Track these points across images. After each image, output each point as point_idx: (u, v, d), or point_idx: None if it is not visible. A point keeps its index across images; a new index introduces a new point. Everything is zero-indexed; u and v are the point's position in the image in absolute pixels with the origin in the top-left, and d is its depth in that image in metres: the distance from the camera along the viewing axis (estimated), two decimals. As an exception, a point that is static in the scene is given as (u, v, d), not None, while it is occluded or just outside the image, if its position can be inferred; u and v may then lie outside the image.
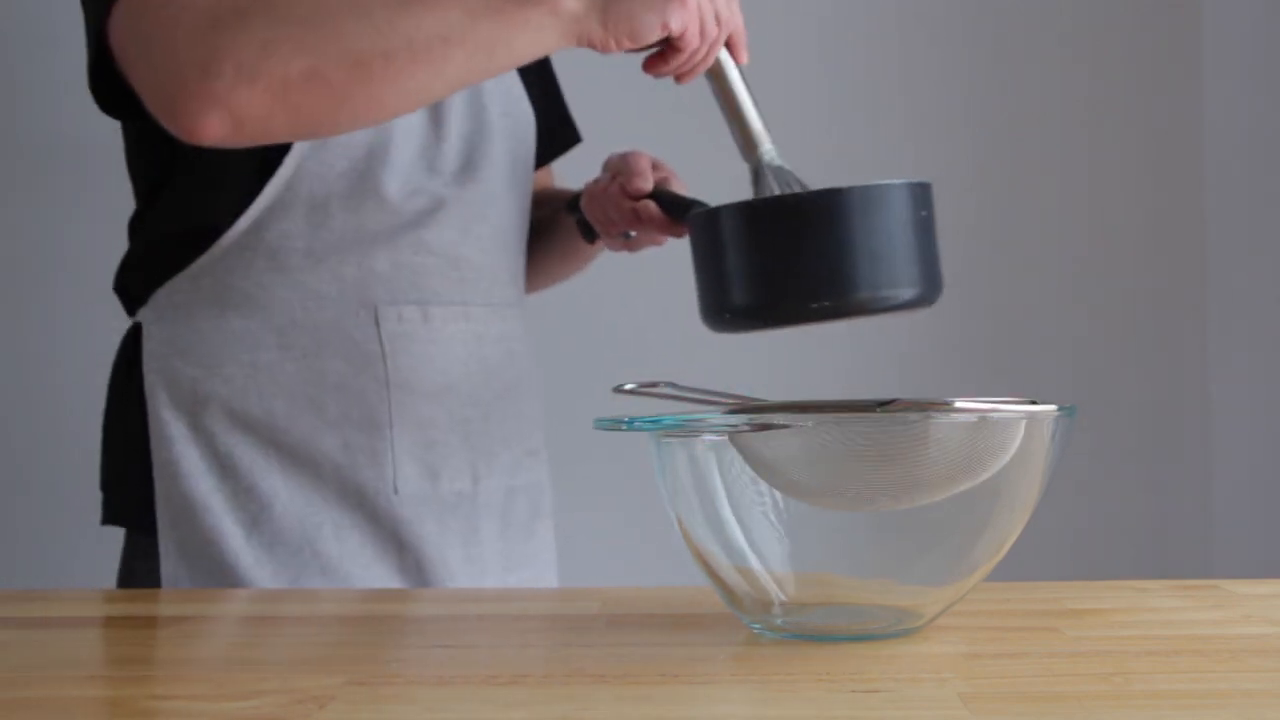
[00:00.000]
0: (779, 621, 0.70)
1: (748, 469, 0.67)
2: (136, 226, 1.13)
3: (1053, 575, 0.90)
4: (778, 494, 0.67)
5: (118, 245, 1.15)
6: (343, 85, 0.89)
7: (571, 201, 1.23)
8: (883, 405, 0.68)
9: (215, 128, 0.89)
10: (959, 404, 0.66)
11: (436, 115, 1.12)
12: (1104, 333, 1.98)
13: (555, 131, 1.31)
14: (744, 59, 1.00)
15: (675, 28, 0.93)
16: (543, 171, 1.36)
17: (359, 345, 1.07)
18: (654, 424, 0.69)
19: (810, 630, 0.70)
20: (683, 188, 1.15)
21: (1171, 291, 1.99)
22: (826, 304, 0.88)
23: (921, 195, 0.90)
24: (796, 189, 0.97)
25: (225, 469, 1.05)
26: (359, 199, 1.07)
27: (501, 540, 1.15)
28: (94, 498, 1.15)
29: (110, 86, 0.99)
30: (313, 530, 1.06)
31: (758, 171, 0.98)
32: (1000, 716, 0.55)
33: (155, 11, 0.92)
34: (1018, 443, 0.66)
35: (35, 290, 1.93)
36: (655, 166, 1.15)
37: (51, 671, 0.66)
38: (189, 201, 1.09)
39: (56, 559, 1.86)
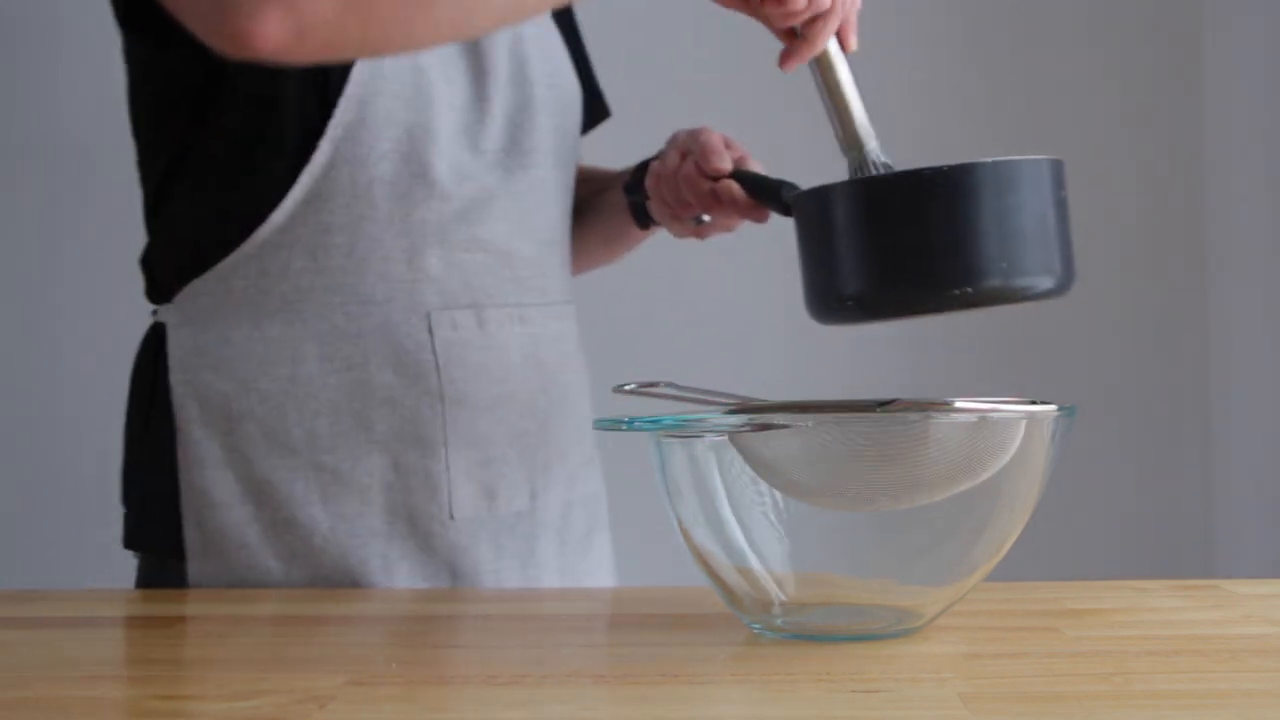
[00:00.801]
0: (779, 621, 0.70)
1: (748, 469, 0.67)
2: (153, 216, 1.03)
3: (1053, 575, 0.90)
4: (778, 494, 0.67)
5: (127, 243, 1.09)
6: None
7: (630, 182, 1.13)
8: (883, 405, 0.68)
9: (274, 31, 0.72)
10: (959, 404, 0.66)
11: (479, 87, 1.03)
12: (1104, 333, 1.98)
13: (587, 105, 1.19)
14: (853, 45, 0.92)
15: None
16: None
17: (410, 355, 0.98)
18: (654, 424, 0.69)
19: (810, 630, 0.70)
20: (760, 169, 1.05)
21: (1172, 292, 1.99)
22: (957, 292, 0.79)
23: (1060, 174, 0.83)
24: None
25: (261, 496, 0.96)
26: (407, 186, 0.97)
27: (559, 557, 1.06)
28: (104, 506, 1.10)
29: (140, 11, 0.88)
30: (358, 565, 0.96)
31: (860, 168, 0.90)
32: (1000, 716, 0.55)
33: None
34: (1018, 443, 0.66)
35: (42, 288, 1.93)
36: (728, 144, 1.05)
37: (51, 671, 0.66)
38: (213, 191, 0.99)
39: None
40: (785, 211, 0.93)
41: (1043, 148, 2.11)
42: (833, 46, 0.91)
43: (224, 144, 0.97)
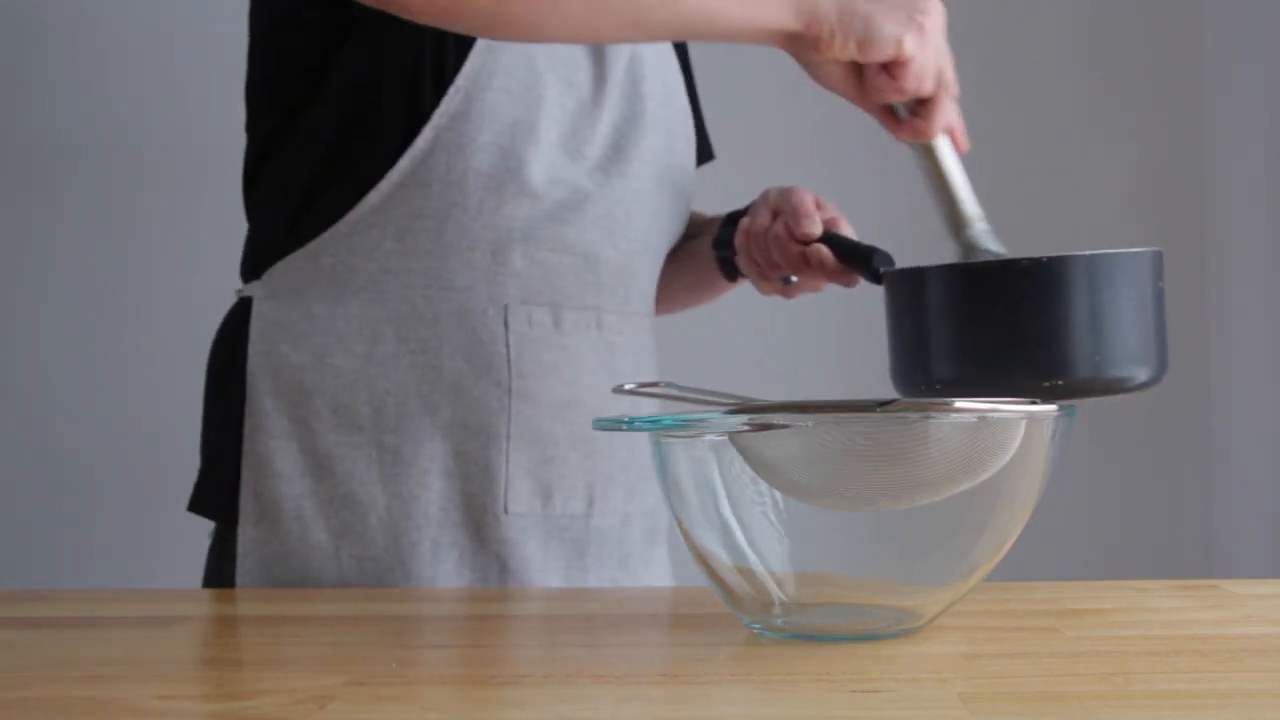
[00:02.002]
0: (779, 621, 0.70)
1: (748, 469, 0.67)
2: (251, 188, 1.06)
3: (1053, 575, 0.90)
4: (778, 494, 0.67)
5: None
6: None
7: (719, 237, 1.14)
8: (883, 405, 0.68)
9: None
10: (959, 404, 0.66)
11: (595, 94, 1.04)
12: (1104, 333, 1.98)
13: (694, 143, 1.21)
14: (965, 148, 0.93)
15: (909, 49, 0.86)
16: None
17: (484, 345, 0.99)
18: (654, 424, 0.69)
19: (810, 630, 0.70)
20: (850, 231, 1.06)
21: (1172, 292, 1.99)
22: (1048, 385, 0.79)
23: (1159, 266, 0.83)
24: None
25: (323, 470, 0.98)
26: (500, 180, 0.99)
27: (621, 570, 1.07)
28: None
29: None
30: (408, 548, 0.98)
31: (969, 250, 0.91)
32: (1000, 716, 0.55)
33: None
34: (1018, 443, 0.66)
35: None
36: (819, 205, 1.06)
37: (51, 671, 0.66)
38: (313, 168, 1.01)
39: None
40: (875, 279, 0.94)
41: (1042, 148, 2.11)
42: (941, 140, 0.91)
43: (327, 123, 1.00)
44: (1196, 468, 1.98)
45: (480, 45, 0.98)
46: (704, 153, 1.23)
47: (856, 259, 1.00)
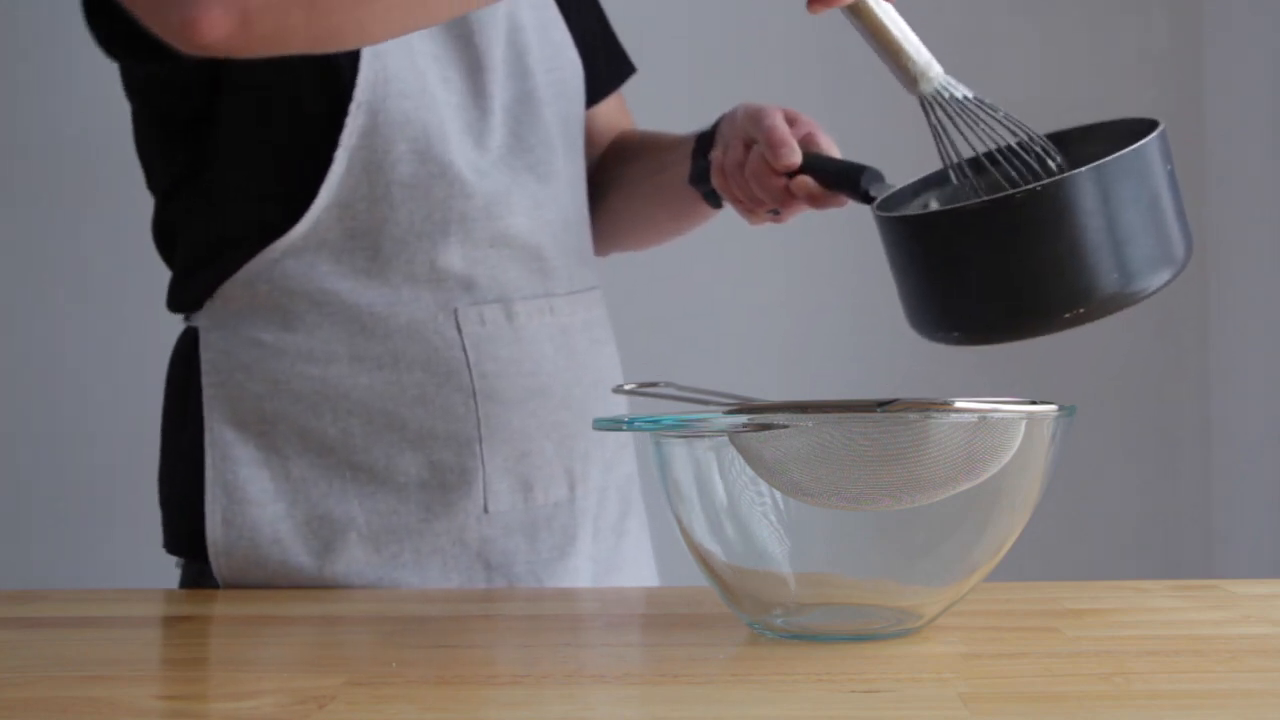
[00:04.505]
0: (779, 621, 0.70)
1: (748, 469, 0.67)
2: (165, 234, 1.03)
3: (1053, 575, 0.90)
4: (778, 494, 0.67)
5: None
6: None
7: (694, 173, 1.05)
8: (883, 405, 0.68)
9: (219, 17, 0.74)
10: (959, 404, 0.66)
11: (476, 84, 1.00)
12: (1104, 332, 1.98)
13: (604, 68, 1.14)
14: None
15: None
16: (615, 110, 1.18)
17: (440, 353, 0.97)
18: (654, 424, 0.69)
19: (810, 630, 0.70)
20: (830, 144, 0.98)
21: (1172, 291, 1.99)
22: (1069, 315, 0.74)
23: (1165, 147, 0.74)
24: (986, 123, 0.81)
25: (297, 495, 0.96)
26: (426, 187, 0.96)
27: (593, 544, 1.04)
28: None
29: (109, 22, 0.85)
30: (390, 559, 0.96)
31: (926, 107, 0.82)
32: (1000, 716, 0.55)
33: None
34: (1018, 443, 0.66)
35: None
36: (792, 122, 0.98)
37: (52, 671, 0.66)
38: (225, 210, 0.98)
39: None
40: (866, 200, 0.88)
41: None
42: None
43: (228, 161, 0.97)
44: (1196, 468, 1.98)
45: (368, 54, 0.94)
46: (623, 71, 1.17)
47: (844, 182, 0.92)
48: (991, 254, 0.74)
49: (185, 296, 1.00)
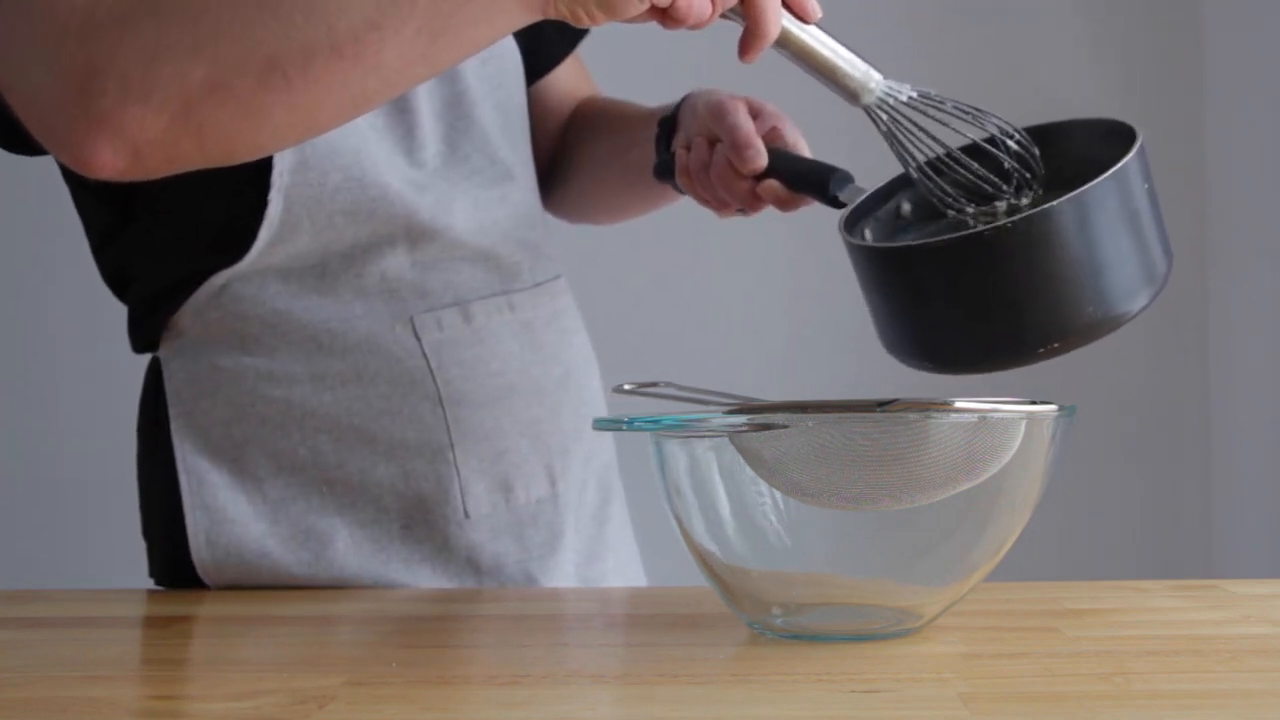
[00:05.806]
0: (779, 621, 0.70)
1: (747, 469, 0.67)
2: (111, 280, 1.01)
3: (1053, 575, 0.90)
4: (778, 494, 0.67)
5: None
6: (253, 96, 0.72)
7: (659, 166, 1.02)
8: (883, 405, 0.68)
9: (109, 158, 0.73)
10: (959, 404, 0.66)
11: (399, 101, 0.97)
12: (1104, 333, 1.98)
13: (553, 32, 1.07)
14: (814, 17, 0.78)
15: None
16: (573, 76, 1.15)
17: (401, 363, 0.96)
18: (654, 424, 0.69)
19: (810, 630, 0.70)
20: (797, 135, 0.95)
21: (1171, 292, 1.99)
22: (1042, 350, 0.72)
23: (1143, 164, 0.71)
24: (937, 117, 0.79)
25: (278, 514, 0.95)
26: (369, 212, 0.94)
27: (575, 535, 1.03)
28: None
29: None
30: (380, 567, 0.95)
31: (874, 117, 0.80)
32: (1000, 716, 0.55)
33: (15, 18, 0.74)
34: (1018, 443, 0.66)
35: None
36: (756, 115, 0.95)
37: (51, 671, 0.66)
38: (162, 254, 0.96)
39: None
40: (835, 205, 0.86)
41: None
42: (788, 23, 0.77)
43: (153, 218, 0.95)
44: (1196, 468, 1.98)
45: None
46: (574, 34, 1.12)
47: (812, 186, 0.89)
48: (960, 290, 0.72)
49: (141, 337, 0.99)
